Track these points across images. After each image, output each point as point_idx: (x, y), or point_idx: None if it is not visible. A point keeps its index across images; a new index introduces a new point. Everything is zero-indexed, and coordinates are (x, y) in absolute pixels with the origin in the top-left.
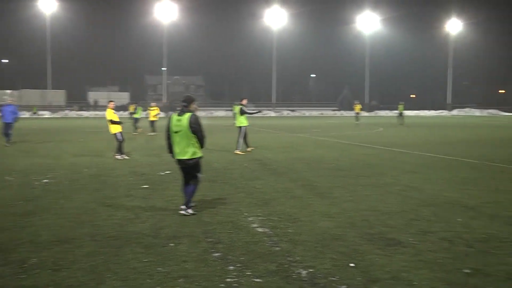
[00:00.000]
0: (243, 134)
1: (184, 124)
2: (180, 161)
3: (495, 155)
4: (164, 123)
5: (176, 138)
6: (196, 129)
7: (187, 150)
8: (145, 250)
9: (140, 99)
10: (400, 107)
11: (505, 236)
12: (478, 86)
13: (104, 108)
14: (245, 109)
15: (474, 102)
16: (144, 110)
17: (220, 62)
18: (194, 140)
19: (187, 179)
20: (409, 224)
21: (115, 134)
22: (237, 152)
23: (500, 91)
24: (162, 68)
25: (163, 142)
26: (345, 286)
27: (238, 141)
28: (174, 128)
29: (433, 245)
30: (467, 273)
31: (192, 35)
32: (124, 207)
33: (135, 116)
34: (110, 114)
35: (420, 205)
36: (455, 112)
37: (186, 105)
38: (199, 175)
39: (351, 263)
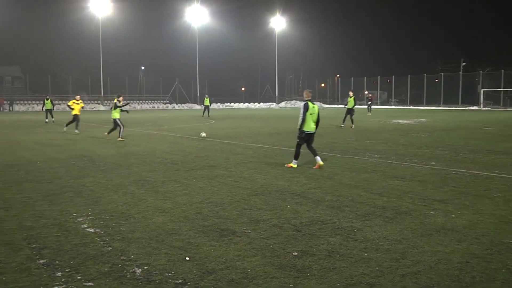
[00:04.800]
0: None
1: None
2: None
3: (318, 144)
4: None
5: None
6: None
7: None
8: None
9: None
10: (206, 100)
11: (327, 218)
12: (301, 80)
13: None
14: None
15: (298, 95)
16: None
17: (40, 51)
18: None
19: None
20: (242, 213)
21: None
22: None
23: (321, 84)
24: None
25: None
26: (181, 280)
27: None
28: None
29: (265, 232)
30: (295, 255)
31: (2, 21)
32: None
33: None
34: None
35: (252, 194)
36: (282, 104)
37: None
38: None
39: (187, 256)
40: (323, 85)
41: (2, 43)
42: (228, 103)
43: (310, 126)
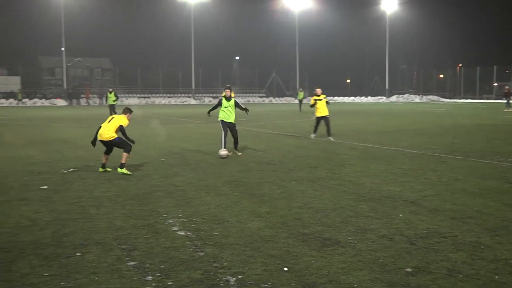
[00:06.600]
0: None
1: None
2: None
3: (436, 144)
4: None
5: None
6: None
7: None
8: (45, 262)
9: (35, 84)
10: (300, 94)
11: (447, 231)
12: (415, 70)
13: None
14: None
15: (412, 87)
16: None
17: (130, 43)
18: None
19: None
20: (347, 221)
21: None
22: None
23: (440, 75)
24: (61, 48)
25: (59, 135)
26: None
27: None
28: None
29: (373, 243)
30: (408, 272)
31: (94, 13)
32: (18, 212)
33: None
34: None
35: (358, 200)
36: (393, 98)
37: None
38: None
39: (285, 267)
40: (441, 76)
41: (92, 34)
42: (331, 97)
43: None
